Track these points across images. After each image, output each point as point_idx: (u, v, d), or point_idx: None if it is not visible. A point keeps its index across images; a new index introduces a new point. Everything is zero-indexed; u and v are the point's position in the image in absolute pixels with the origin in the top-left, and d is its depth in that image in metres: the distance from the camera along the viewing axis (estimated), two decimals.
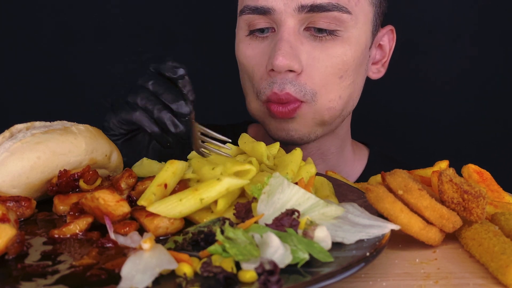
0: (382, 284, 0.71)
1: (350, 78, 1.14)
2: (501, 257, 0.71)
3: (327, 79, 1.11)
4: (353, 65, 1.13)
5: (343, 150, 1.30)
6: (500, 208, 0.88)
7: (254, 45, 1.14)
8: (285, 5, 1.08)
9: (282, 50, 1.07)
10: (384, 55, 1.25)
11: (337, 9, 1.08)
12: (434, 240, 0.78)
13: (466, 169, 0.96)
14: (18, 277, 0.66)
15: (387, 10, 1.23)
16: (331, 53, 1.10)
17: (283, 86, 1.09)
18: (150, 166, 0.97)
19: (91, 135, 0.91)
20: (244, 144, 0.95)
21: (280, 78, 1.09)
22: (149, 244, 0.68)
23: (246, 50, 1.15)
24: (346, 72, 1.12)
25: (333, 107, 1.14)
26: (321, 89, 1.11)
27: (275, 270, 0.62)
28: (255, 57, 1.14)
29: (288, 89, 1.09)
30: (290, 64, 1.07)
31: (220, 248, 0.66)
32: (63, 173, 0.86)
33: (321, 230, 0.70)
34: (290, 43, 1.08)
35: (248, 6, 1.11)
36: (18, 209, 0.82)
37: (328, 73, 1.11)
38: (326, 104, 1.12)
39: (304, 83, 1.10)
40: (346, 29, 1.10)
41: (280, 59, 1.06)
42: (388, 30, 1.24)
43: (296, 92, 1.10)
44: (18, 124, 0.91)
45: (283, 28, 1.09)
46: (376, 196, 0.79)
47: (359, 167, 1.35)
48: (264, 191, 0.75)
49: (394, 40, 1.25)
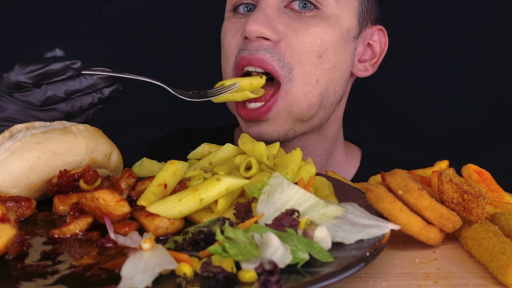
0: (382, 284, 0.71)
1: (330, 62, 1.11)
2: (501, 257, 0.71)
3: (305, 56, 1.08)
4: (333, 46, 1.10)
5: (333, 153, 1.27)
6: (500, 208, 0.88)
7: (235, 20, 1.13)
8: None
9: (255, 15, 1.05)
10: (373, 55, 1.22)
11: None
12: (434, 240, 0.78)
13: (466, 169, 0.96)
14: (18, 277, 0.66)
15: (381, 13, 1.21)
16: (310, 30, 1.08)
17: (256, 52, 1.06)
18: (150, 166, 0.97)
19: (91, 135, 0.91)
20: (244, 144, 0.95)
21: (252, 45, 1.07)
22: (149, 244, 0.68)
23: (227, 25, 1.14)
24: (325, 53, 1.09)
25: (309, 91, 1.09)
26: (298, 66, 1.08)
27: (275, 270, 0.62)
28: (233, 30, 1.12)
29: (262, 55, 1.06)
30: (263, 31, 1.04)
31: (220, 248, 0.66)
32: (63, 173, 0.86)
33: (321, 230, 0.70)
34: (265, 12, 1.07)
35: None
36: (18, 209, 0.82)
37: (306, 50, 1.08)
38: (302, 88, 1.08)
39: (283, 52, 1.07)
40: (326, 7, 1.09)
41: (251, 23, 1.04)
42: (378, 29, 1.21)
43: (273, 59, 1.06)
44: (18, 124, 0.91)
45: (263, 1, 1.08)
46: (376, 196, 0.79)
47: (352, 169, 1.32)
48: (264, 191, 0.75)
49: (386, 44, 1.22)
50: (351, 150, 1.35)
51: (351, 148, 1.36)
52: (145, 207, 0.78)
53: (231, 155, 0.97)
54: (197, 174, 0.88)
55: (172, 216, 0.77)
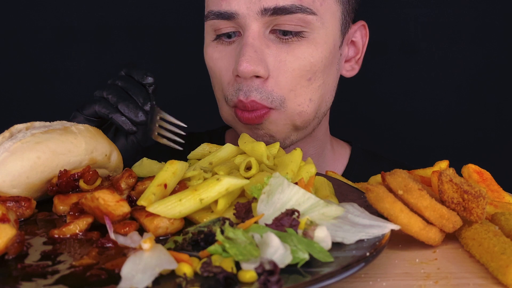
0: (382, 284, 0.71)
1: (319, 80, 1.11)
2: (501, 257, 0.71)
3: (295, 82, 1.08)
4: (322, 66, 1.10)
5: (323, 151, 1.28)
6: (500, 208, 0.88)
7: (221, 48, 1.12)
8: (248, 9, 1.06)
9: (246, 55, 1.05)
10: (357, 51, 1.22)
11: (301, 11, 1.06)
12: (434, 240, 0.78)
13: (466, 169, 0.96)
14: (18, 277, 0.66)
15: (360, 6, 1.20)
16: (298, 55, 1.08)
17: (249, 93, 1.07)
18: (150, 166, 0.97)
19: (91, 135, 0.91)
20: (244, 144, 0.95)
21: (246, 84, 1.08)
22: (149, 244, 0.68)
23: (213, 53, 1.13)
24: (314, 74, 1.10)
25: (303, 111, 1.11)
26: (289, 93, 1.09)
27: (275, 270, 0.62)
28: (222, 60, 1.12)
29: (253, 97, 1.07)
30: (255, 70, 1.05)
31: (220, 248, 0.66)
32: (63, 173, 0.86)
33: (321, 230, 0.70)
34: (254, 48, 1.06)
35: (212, 11, 1.10)
36: (18, 209, 0.82)
37: (296, 76, 1.08)
38: (296, 109, 1.10)
39: (271, 90, 1.08)
40: (312, 30, 1.08)
41: (244, 65, 1.04)
42: (360, 25, 1.21)
43: (262, 99, 1.08)
44: (18, 124, 0.91)
45: (248, 32, 1.07)
46: (376, 196, 0.79)
47: (340, 166, 1.33)
48: (264, 191, 0.75)
49: (367, 36, 1.22)
50: (340, 147, 1.36)
51: (340, 145, 1.36)
52: (145, 207, 0.78)
53: (231, 155, 0.97)
54: (197, 174, 0.88)
55: (172, 216, 0.77)
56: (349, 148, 1.37)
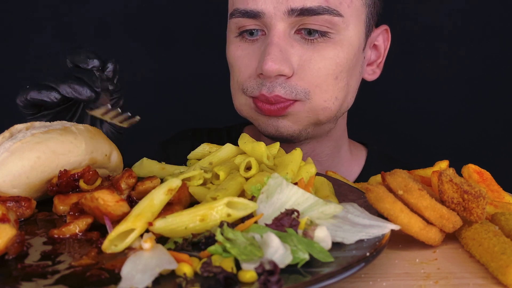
0: (382, 284, 0.71)
1: (344, 80, 1.12)
2: (501, 257, 0.71)
3: (321, 79, 1.09)
4: (346, 66, 1.11)
5: (339, 151, 1.28)
6: (500, 208, 0.88)
7: (244, 46, 1.12)
8: (275, 9, 1.06)
9: (271, 54, 1.05)
10: (379, 55, 1.23)
11: (328, 12, 1.06)
12: (434, 240, 0.78)
13: (466, 169, 0.96)
14: (18, 277, 0.66)
15: (383, 10, 1.21)
16: (324, 55, 1.08)
17: (273, 88, 1.07)
18: (150, 166, 0.97)
19: (91, 135, 0.91)
20: (244, 144, 0.95)
21: (270, 81, 1.08)
22: (149, 244, 0.68)
23: (236, 51, 1.13)
24: (340, 74, 1.10)
25: (328, 107, 1.11)
26: (315, 88, 1.09)
27: (275, 270, 0.62)
28: (245, 58, 1.12)
29: (277, 92, 1.07)
30: (280, 69, 1.05)
31: (220, 248, 0.66)
32: (63, 173, 0.86)
33: (321, 230, 0.70)
34: (280, 47, 1.06)
35: (238, 9, 1.10)
36: (18, 209, 0.82)
37: (322, 74, 1.09)
38: (321, 104, 1.10)
39: (295, 84, 1.08)
40: (338, 31, 1.08)
41: (269, 64, 1.04)
42: (383, 30, 1.22)
43: (286, 94, 1.08)
44: (18, 124, 0.91)
45: (273, 31, 1.07)
46: (376, 196, 0.79)
47: (357, 167, 1.34)
48: (263, 191, 0.75)
49: (389, 40, 1.23)
50: (356, 149, 1.36)
51: (356, 147, 1.37)
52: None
53: (231, 155, 0.97)
54: (197, 174, 0.88)
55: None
56: (365, 150, 1.38)
